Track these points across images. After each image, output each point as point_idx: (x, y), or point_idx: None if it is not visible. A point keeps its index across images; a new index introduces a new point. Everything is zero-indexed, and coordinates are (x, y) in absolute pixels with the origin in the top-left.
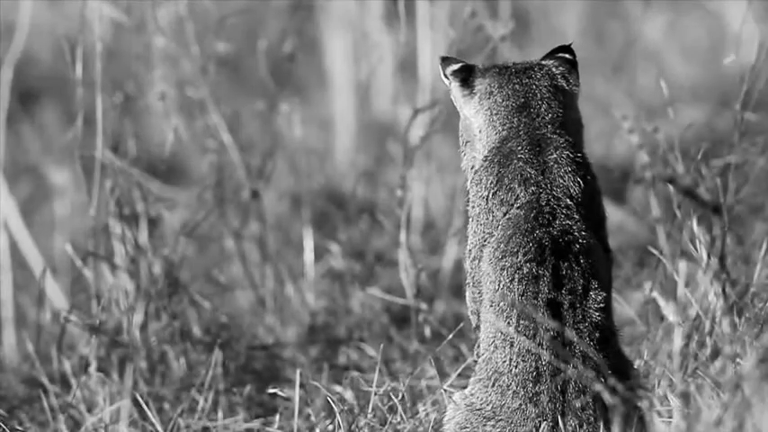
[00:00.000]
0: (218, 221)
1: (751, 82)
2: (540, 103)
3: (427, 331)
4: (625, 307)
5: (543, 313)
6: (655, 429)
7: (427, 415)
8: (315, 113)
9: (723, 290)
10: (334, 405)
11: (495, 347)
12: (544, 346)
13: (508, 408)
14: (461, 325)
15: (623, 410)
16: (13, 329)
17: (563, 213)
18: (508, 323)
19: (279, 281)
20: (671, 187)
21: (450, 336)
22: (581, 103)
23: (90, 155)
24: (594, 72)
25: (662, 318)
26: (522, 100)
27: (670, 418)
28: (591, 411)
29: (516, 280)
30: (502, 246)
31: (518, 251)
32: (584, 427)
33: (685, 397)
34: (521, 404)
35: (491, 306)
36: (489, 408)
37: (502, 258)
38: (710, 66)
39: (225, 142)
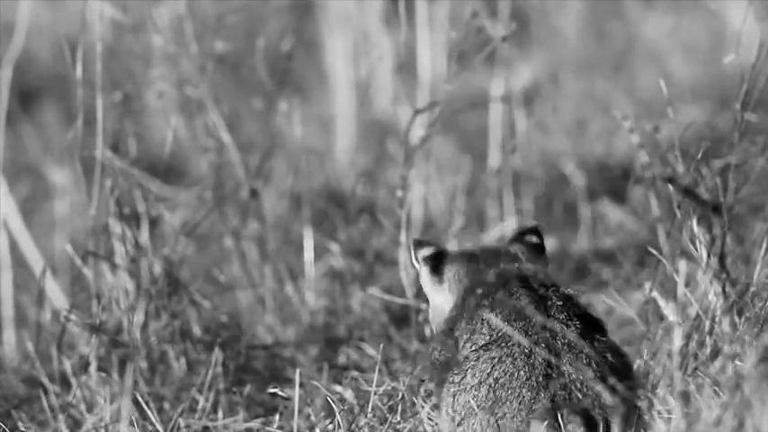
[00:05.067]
0: (218, 221)
1: (751, 82)
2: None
3: (427, 331)
4: (625, 307)
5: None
6: (655, 429)
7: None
8: (315, 113)
9: (723, 290)
10: (334, 405)
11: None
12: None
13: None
14: None
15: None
16: (13, 329)
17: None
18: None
19: (278, 280)
20: (671, 187)
21: None
22: (582, 101)
23: (90, 155)
24: (594, 72)
25: (662, 318)
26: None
27: (670, 417)
28: (585, 357)
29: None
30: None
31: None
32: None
33: (685, 397)
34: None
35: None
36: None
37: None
38: (711, 65)
39: (224, 141)
